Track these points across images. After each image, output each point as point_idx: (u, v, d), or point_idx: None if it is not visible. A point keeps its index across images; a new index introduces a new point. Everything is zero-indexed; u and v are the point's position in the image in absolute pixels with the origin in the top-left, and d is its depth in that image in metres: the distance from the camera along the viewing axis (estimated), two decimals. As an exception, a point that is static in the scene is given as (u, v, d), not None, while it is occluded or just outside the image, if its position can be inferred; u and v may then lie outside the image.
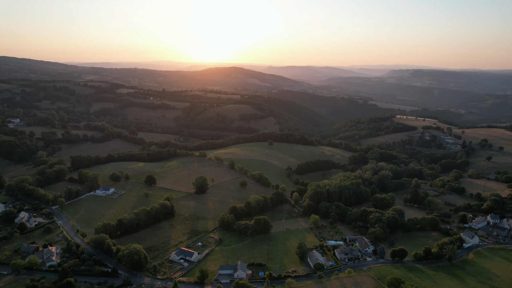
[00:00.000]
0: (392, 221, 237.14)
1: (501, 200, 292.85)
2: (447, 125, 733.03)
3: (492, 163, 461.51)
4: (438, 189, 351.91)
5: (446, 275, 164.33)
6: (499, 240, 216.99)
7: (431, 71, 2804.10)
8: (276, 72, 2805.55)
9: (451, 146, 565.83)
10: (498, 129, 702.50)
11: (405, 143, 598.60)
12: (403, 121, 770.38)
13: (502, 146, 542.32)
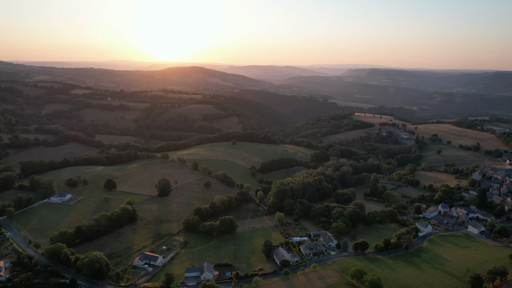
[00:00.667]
0: (353, 215, 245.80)
1: (450, 190, 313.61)
2: (402, 121, 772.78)
3: (442, 156, 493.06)
4: (395, 183, 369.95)
5: (404, 263, 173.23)
6: (449, 228, 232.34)
7: (386, 70, 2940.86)
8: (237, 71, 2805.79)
9: (406, 141, 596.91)
10: (446, 124, 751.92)
11: (364, 139, 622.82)
12: (361, 118, 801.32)
13: (450, 140, 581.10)
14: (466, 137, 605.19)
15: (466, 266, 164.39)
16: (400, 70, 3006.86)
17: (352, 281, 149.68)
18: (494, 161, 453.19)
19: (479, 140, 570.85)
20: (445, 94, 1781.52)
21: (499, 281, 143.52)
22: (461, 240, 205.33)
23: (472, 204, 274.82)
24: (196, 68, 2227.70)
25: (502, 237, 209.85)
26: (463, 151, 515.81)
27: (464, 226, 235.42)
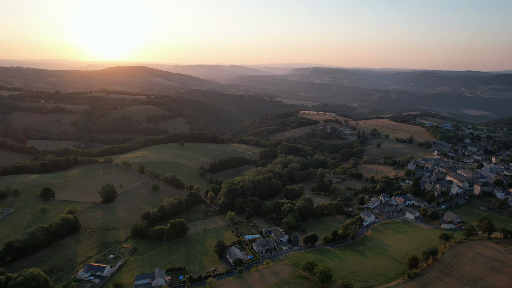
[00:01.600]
0: (303, 209, 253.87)
1: (389, 181, 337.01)
2: (344, 118, 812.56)
3: (381, 149, 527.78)
4: (340, 176, 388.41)
5: (351, 252, 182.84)
6: (389, 215, 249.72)
7: (329, 69, 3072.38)
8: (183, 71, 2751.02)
9: (349, 136, 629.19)
10: (384, 119, 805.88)
11: (310, 136, 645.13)
12: (306, 116, 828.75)
13: (388, 134, 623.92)
14: (402, 131, 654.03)
15: (405, 249, 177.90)
16: (341, 69, 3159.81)
17: (304, 274, 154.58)
18: (425, 152, 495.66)
19: (412, 133, 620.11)
20: (382, 91, 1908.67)
21: (431, 260, 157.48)
22: (400, 226, 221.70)
23: (408, 192, 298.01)
24: (139, 68, 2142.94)
25: (433, 220, 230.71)
26: (399, 144, 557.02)
27: (402, 213, 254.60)
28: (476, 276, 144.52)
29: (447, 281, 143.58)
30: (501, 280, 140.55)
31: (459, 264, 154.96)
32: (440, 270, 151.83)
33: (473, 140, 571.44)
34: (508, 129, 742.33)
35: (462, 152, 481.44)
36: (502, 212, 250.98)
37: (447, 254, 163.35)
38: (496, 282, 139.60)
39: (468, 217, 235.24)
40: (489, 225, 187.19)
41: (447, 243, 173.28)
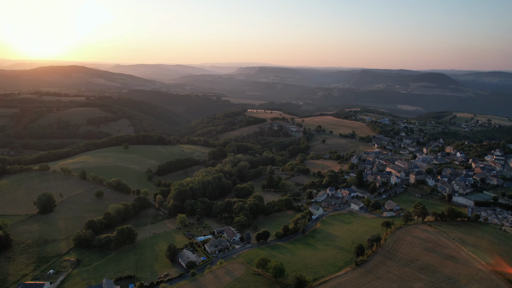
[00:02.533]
0: (254, 207, 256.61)
1: (335, 175, 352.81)
2: (291, 115, 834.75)
3: (326, 145, 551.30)
4: (288, 172, 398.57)
5: (302, 246, 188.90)
6: (336, 208, 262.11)
7: (274, 68, 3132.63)
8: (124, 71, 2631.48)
9: (295, 133, 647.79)
10: (327, 116, 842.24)
11: (258, 134, 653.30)
12: (254, 114, 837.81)
13: (332, 130, 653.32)
14: (344, 127, 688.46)
15: (351, 238, 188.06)
16: (286, 68, 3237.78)
17: (258, 270, 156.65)
18: (366, 146, 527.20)
19: (354, 128, 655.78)
20: (325, 89, 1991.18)
21: (375, 247, 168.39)
22: (346, 217, 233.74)
23: (353, 184, 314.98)
24: (76, 68, 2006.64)
25: (376, 209, 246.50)
26: (342, 139, 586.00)
27: (348, 204, 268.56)
28: (413, 257, 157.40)
29: (389, 264, 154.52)
30: (433, 258, 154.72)
31: (399, 248, 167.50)
32: (383, 255, 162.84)
33: (407, 133, 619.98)
34: (435, 122, 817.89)
35: (399, 145, 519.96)
36: (433, 197, 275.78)
37: (389, 240, 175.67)
38: (430, 260, 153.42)
39: (406, 204, 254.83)
40: (423, 210, 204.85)
41: (388, 230, 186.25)
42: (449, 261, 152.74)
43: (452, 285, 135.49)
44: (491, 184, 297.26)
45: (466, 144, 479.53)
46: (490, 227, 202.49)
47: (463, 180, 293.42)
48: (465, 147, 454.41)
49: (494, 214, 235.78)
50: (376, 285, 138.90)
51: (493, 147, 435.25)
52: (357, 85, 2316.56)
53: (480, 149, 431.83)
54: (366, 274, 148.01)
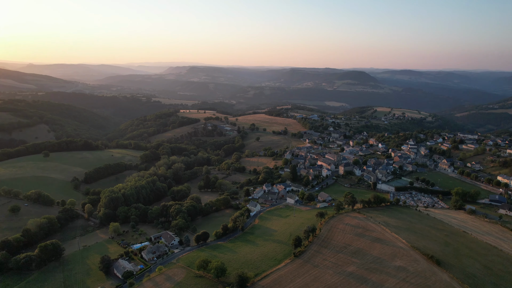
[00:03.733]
0: (191, 209, 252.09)
1: (270, 171, 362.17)
2: (224, 115, 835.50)
3: (260, 142, 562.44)
4: (225, 172, 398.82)
5: (242, 243, 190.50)
6: (273, 203, 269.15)
7: (205, 67, 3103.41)
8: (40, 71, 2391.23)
9: (230, 132, 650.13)
10: (260, 114, 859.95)
11: (192, 134, 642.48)
12: (187, 114, 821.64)
13: (265, 127, 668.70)
14: (277, 124, 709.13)
15: (289, 231, 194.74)
16: (217, 67, 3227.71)
17: (199, 273, 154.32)
18: (298, 141, 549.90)
19: (286, 125, 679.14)
20: (257, 88, 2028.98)
21: (311, 237, 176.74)
22: (283, 211, 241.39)
23: (287, 179, 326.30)
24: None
25: (310, 201, 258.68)
26: (276, 136, 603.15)
27: (284, 199, 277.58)
28: (346, 243, 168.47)
29: (325, 252, 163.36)
30: (363, 242, 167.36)
31: (333, 236, 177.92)
32: (319, 244, 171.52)
33: (335, 128, 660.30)
34: (359, 116, 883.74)
35: (328, 139, 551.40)
36: (360, 186, 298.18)
37: (323, 229, 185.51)
38: (360, 245, 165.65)
39: (337, 194, 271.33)
40: (352, 198, 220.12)
41: (322, 220, 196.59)
42: (376, 243, 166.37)
43: (380, 265, 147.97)
44: (407, 170, 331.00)
45: (386, 135, 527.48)
46: (408, 209, 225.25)
47: (385, 169, 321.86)
48: (385, 139, 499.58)
49: (411, 197, 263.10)
50: (314, 274, 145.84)
51: (407, 137, 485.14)
52: (287, 83, 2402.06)
53: (397, 140, 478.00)
54: (304, 264, 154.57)
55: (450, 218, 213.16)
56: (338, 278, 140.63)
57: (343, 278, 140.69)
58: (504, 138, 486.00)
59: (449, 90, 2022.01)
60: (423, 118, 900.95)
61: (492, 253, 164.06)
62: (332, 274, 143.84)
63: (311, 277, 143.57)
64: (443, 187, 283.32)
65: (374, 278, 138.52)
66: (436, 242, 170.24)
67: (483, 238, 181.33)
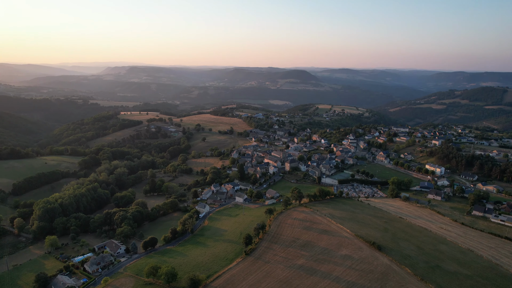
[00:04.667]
0: (137, 215, 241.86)
1: (218, 171, 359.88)
2: (168, 116, 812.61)
3: (206, 142, 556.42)
4: (171, 174, 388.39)
5: (192, 246, 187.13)
6: (222, 203, 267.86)
7: (146, 67, 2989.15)
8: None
9: (175, 134, 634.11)
10: (205, 114, 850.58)
11: (134, 137, 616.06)
12: (128, 117, 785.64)
13: (211, 127, 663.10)
14: (223, 123, 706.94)
15: (239, 230, 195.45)
16: (159, 67, 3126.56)
17: (149, 280, 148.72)
18: (245, 140, 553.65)
19: (232, 124, 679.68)
20: (201, 88, 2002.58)
21: (261, 234, 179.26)
22: (232, 210, 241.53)
23: (235, 178, 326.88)
24: None
25: (259, 199, 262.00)
26: (222, 136, 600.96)
27: (233, 198, 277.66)
28: (295, 237, 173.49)
29: (275, 248, 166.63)
30: (311, 235, 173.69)
31: (282, 231, 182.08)
32: (269, 240, 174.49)
33: (280, 126, 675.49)
34: (302, 114, 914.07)
35: (273, 137, 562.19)
36: (306, 181, 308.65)
37: (273, 225, 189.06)
38: (308, 237, 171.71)
39: (284, 190, 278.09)
40: (299, 194, 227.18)
41: (271, 216, 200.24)
42: (323, 235, 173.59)
43: (327, 255, 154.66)
44: (349, 164, 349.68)
45: (328, 131, 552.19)
46: (351, 200, 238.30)
47: (328, 163, 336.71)
48: (328, 134, 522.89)
49: (353, 188, 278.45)
50: (265, 269, 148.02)
51: (347, 132, 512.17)
52: (231, 83, 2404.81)
53: (338, 135, 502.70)
54: (255, 261, 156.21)
55: (388, 206, 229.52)
56: (289, 272, 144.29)
57: (293, 271, 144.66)
58: (430, 130, 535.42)
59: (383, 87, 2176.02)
60: (361, 114, 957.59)
61: (423, 234, 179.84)
62: (283, 269, 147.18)
63: (263, 273, 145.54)
64: (381, 178, 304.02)
65: (323, 268, 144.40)
66: (377, 229, 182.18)
67: (416, 222, 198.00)
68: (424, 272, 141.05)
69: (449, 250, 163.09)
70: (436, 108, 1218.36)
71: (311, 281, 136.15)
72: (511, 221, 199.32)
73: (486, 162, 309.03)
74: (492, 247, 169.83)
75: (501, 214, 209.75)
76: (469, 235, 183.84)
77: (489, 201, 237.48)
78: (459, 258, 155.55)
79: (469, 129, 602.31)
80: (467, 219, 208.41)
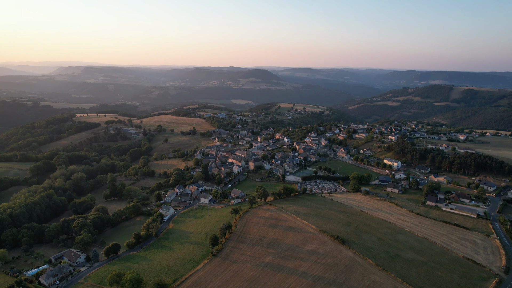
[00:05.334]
0: (98, 221, 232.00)
1: (181, 172, 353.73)
2: (127, 117, 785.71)
3: (169, 144, 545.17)
4: (133, 177, 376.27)
5: (157, 250, 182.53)
6: (187, 205, 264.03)
7: (102, 67, 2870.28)
8: None
9: (135, 135, 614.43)
10: (167, 115, 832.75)
11: (92, 140, 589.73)
12: (84, 119, 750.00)
13: (173, 128, 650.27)
14: (185, 124, 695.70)
15: (205, 231, 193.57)
16: (116, 67, 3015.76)
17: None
18: (208, 141, 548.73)
19: (194, 125, 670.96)
20: (161, 88, 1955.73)
21: (228, 234, 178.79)
22: (197, 211, 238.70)
23: (200, 179, 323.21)
24: None
25: (224, 199, 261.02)
26: (184, 136, 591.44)
27: (198, 199, 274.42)
28: (261, 235, 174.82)
29: (242, 247, 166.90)
30: (277, 233, 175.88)
31: (248, 230, 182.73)
32: (236, 240, 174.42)
33: (243, 125, 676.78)
34: (265, 113, 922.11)
35: (237, 136, 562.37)
36: (270, 179, 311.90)
37: (239, 225, 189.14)
38: (274, 235, 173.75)
39: (249, 190, 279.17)
40: (264, 192, 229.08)
41: (237, 216, 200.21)
42: (289, 231, 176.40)
43: (293, 251, 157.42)
44: (311, 161, 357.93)
45: (290, 130, 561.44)
46: (314, 196, 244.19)
47: (291, 161, 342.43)
48: (290, 133, 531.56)
49: (316, 185, 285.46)
50: (233, 269, 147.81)
51: (309, 130, 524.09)
52: (193, 82, 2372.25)
53: (300, 133, 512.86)
54: (223, 262, 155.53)
55: (350, 200, 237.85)
56: (256, 270, 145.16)
57: (261, 269, 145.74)
58: (387, 126, 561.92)
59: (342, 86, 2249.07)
60: (322, 112, 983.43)
61: (383, 226, 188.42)
62: (250, 267, 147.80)
63: (230, 273, 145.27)
64: (342, 173, 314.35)
65: (290, 265, 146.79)
66: (340, 223, 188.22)
67: (376, 215, 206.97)
68: (385, 262, 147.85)
69: (406, 239, 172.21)
70: (392, 105, 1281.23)
71: (278, 278, 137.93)
72: (459, 209, 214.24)
73: (437, 155, 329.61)
74: (443, 234, 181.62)
75: (451, 203, 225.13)
76: (424, 224, 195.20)
77: (440, 191, 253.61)
78: (416, 246, 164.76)
79: (422, 125, 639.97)
80: (422, 209, 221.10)
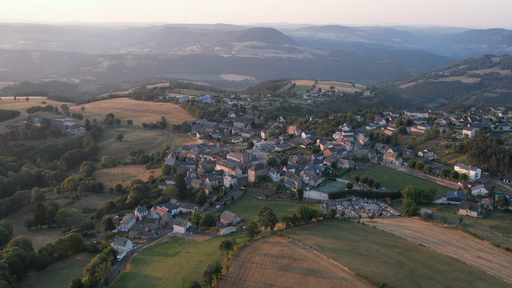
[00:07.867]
0: (17, 261, 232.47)
1: (144, 187, 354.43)
2: (62, 102, 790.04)
3: (125, 142, 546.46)
4: (70, 194, 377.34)
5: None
6: (153, 236, 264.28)
7: (23, 25, 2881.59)
8: None
9: (73, 130, 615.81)
10: (122, 98, 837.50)
11: (7, 138, 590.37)
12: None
13: (131, 119, 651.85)
14: (149, 112, 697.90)
15: (181, 276, 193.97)
16: (43, 25, 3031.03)
17: None
18: (185, 137, 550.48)
19: (164, 113, 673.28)
20: (113, 57, 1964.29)
21: (216, 281, 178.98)
22: (169, 246, 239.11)
23: (172, 196, 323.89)
24: None
25: (209, 227, 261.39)
26: (149, 131, 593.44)
27: (169, 227, 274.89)
28: (267, 283, 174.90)
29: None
30: (291, 278, 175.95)
31: (247, 275, 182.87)
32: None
33: (238, 113, 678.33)
34: (272, 95, 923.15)
35: (229, 130, 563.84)
36: (280, 196, 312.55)
37: (232, 267, 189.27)
38: (287, 282, 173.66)
39: (248, 212, 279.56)
40: (271, 217, 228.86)
41: (230, 253, 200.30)
42: (309, 276, 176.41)
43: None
44: (343, 168, 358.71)
45: (311, 120, 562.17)
46: (348, 223, 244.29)
47: (312, 168, 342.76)
48: (311, 125, 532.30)
49: (351, 205, 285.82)
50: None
51: (340, 121, 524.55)
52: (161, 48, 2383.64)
53: (327, 126, 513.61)
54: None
55: (402, 228, 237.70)
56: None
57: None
58: (459, 114, 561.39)
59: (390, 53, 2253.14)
60: (359, 93, 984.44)
61: (454, 268, 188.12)
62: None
63: None
64: (391, 187, 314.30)
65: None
66: (388, 264, 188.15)
67: (443, 250, 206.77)
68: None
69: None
70: (467, 81, 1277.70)
71: None
72: None
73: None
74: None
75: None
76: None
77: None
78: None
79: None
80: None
